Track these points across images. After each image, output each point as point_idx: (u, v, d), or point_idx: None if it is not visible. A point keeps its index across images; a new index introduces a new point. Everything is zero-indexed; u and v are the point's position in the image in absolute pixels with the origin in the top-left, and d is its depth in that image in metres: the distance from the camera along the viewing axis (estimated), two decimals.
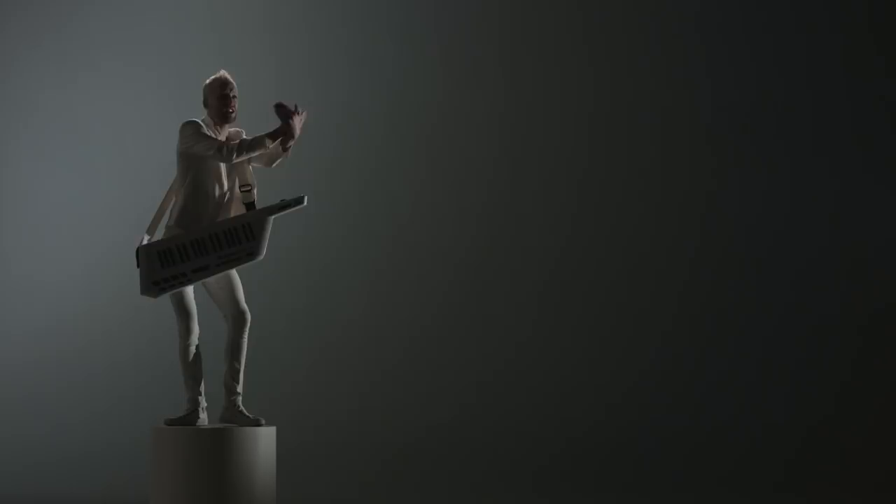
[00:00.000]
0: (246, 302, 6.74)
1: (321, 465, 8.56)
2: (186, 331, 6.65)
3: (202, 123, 6.60)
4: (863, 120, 8.46)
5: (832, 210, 8.40)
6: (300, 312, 8.81)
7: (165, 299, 6.54)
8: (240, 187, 6.63)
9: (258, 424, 6.69)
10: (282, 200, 6.54)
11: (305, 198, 6.57)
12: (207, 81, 6.72)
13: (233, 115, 6.64)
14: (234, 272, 6.68)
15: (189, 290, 6.60)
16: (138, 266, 6.47)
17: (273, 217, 6.52)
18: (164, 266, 6.42)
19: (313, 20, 9.42)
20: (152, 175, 9.62)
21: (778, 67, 8.68)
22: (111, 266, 9.89)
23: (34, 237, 10.34)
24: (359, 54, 9.10)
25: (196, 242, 6.44)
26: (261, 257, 6.52)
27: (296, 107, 6.56)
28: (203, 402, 6.74)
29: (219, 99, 6.61)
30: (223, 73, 6.72)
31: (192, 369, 6.69)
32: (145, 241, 6.54)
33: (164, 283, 6.45)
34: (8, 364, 10.12)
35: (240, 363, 6.75)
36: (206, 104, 6.68)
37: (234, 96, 6.65)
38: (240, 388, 6.76)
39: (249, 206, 6.56)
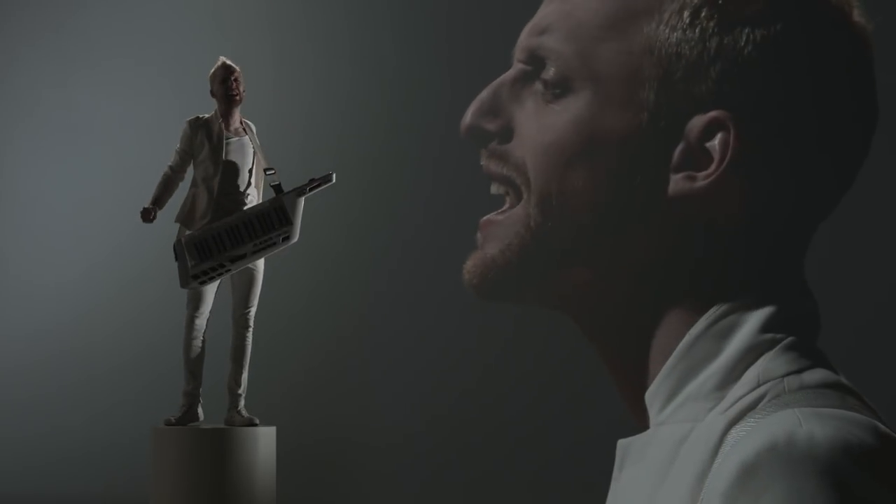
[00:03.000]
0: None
1: (321, 465, 8.56)
2: (190, 320, 6.64)
3: (188, 127, 6.63)
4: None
5: None
6: (301, 312, 8.81)
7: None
8: (264, 171, 6.60)
9: (252, 424, 6.69)
10: (310, 180, 6.47)
11: (333, 174, 6.50)
12: (210, 72, 6.72)
13: (237, 97, 6.61)
14: (259, 276, 6.65)
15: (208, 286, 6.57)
16: (177, 260, 6.41)
17: (303, 197, 6.44)
18: (201, 258, 6.35)
19: (313, 19, 9.42)
20: (153, 175, 9.60)
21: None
22: (111, 267, 9.89)
23: (34, 238, 10.33)
24: (359, 53, 9.10)
25: (231, 231, 6.37)
26: (295, 240, 6.45)
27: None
28: (184, 402, 6.74)
29: (221, 83, 6.60)
30: (221, 59, 6.71)
31: (192, 364, 6.69)
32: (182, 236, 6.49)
33: (203, 275, 6.38)
34: (8, 364, 10.12)
35: (241, 367, 6.74)
36: (212, 94, 6.67)
37: (237, 80, 6.63)
38: (240, 391, 6.76)
39: (276, 188, 6.49)
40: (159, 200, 6.68)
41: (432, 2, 8.92)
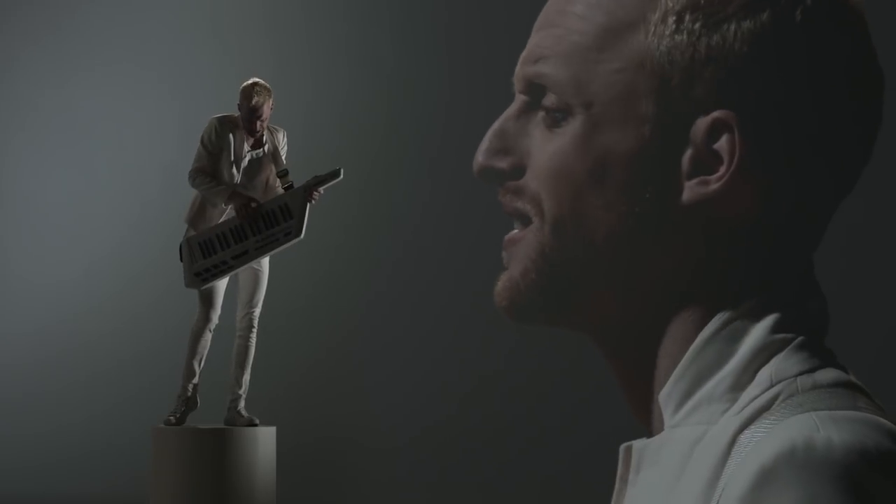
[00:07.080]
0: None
1: (321, 465, 8.57)
2: (203, 317, 6.65)
3: (219, 126, 6.53)
4: None
5: None
6: (300, 312, 8.81)
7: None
8: (276, 173, 6.59)
9: (252, 424, 6.70)
10: (315, 176, 6.43)
11: (341, 170, 6.44)
12: (242, 86, 6.57)
13: (257, 133, 6.55)
14: (265, 278, 6.65)
15: (219, 283, 6.57)
16: (181, 260, 6.41)
17: (310, 194, 6.40)
18: (205, 256, 6.35)
19: (313, 19, 9.42)
20: (152, 174, 9.63)
21: None
22: (111, 266, 9.89)
23: (34, 237, 10.33)
24: (359, 54, 9.10)
25: (236, 229, 6.37)
26: (300, 237, 6.40)
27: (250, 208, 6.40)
28: (190, 394, 6.76)
29: (247, 112, 6.49)
30: (256, 100, 6.42)
31: (197, 358, 6.70)
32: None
33: (206, 273, 6.37)
34: (8, 364, 10.12)
35: (243, 368, 6.76)
36: (238, 108, 6.58)
37: (260, 118, 6.48)
38: (241, 391, 6.77)
39: (287, 188, 6.48)
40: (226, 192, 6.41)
41: (431, 3, 8.92)
